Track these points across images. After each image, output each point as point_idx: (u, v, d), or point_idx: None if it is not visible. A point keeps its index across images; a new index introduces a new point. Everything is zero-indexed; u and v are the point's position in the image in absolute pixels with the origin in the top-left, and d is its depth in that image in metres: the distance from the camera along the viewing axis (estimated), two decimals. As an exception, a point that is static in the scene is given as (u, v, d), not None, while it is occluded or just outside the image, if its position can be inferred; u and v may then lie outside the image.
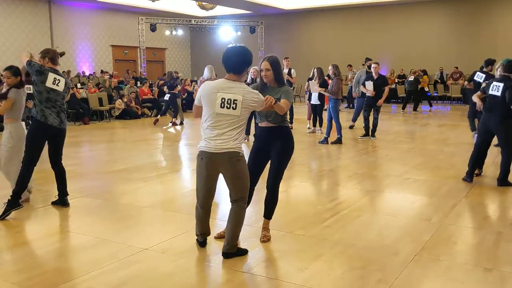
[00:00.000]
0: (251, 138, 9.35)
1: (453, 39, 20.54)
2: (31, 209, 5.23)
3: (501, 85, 5.85)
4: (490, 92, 5.97)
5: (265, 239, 4.12)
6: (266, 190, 4.13)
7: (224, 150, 3.57)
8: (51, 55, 5.12)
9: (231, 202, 3.79)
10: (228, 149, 3.58)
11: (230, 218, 3.78)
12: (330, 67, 9.68)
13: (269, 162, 4.11)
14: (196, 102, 3.74)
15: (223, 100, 3.51)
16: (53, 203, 5.33)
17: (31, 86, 6.53)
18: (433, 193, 5.76)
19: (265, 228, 4.21)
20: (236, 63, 3.59)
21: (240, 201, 3.75)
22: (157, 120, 13.56)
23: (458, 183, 6.18)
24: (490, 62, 9.11)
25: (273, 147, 4.04)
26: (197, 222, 3.95)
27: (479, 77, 8.92)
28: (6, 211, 4.81)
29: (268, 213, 4.18)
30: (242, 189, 3.74)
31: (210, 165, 3.65)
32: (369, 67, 11.15)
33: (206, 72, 10.68)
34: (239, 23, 24.19)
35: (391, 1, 21.16)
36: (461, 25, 20.55)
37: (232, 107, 3.52)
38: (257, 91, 3.74)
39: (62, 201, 5.29)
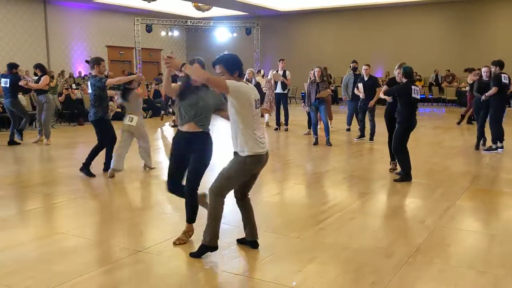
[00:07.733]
0: None
1: (449, 42, 20.62)
2: (24, 210, 5.21)
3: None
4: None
5: (178, 242, 4.08)
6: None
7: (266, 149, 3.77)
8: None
9: (244, 197, 3.93)
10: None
11: (249, 211, 3.96)
12: (317, 69, 9.57)
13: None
14: (232, 86, 3.50)
15: (256, 102, 3.69)
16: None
17: (7, 80, 9.60)
18: (427, 196, 5.77)
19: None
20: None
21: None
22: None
23: (452, 185, 6.21)
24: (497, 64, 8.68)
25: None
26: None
27: (506, 78, 8.54)
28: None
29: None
30: None
31: (262, 164, 3.78)
32: (354, 69, 11.09)
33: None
34: (235, 24, 24.20)
35: (387, 4, 21.24)
36: (456, 27, 20.64)
37: (258, 106, 3.73)
38: None
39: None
